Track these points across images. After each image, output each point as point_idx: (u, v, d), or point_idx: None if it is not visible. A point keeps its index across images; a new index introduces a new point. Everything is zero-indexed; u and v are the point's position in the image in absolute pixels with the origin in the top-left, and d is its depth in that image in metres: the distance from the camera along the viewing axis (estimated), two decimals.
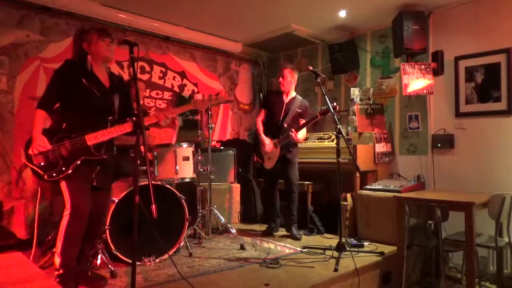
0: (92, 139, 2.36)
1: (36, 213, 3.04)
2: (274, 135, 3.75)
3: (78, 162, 2.31)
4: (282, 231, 3.90)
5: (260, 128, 3.85)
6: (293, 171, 3.77)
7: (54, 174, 2.27)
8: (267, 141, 3.74)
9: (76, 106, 2.38)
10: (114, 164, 2.61)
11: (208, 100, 2.63)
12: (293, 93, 3.88)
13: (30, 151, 2.24)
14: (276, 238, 3.75)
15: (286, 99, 3.84)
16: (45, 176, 2.26)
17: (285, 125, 3.75)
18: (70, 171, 2.29)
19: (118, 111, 2.52)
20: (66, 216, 2.30)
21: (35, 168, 2.25)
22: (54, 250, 2.84)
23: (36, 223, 2.97)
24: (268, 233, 3.89)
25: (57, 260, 2.28)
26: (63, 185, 2.31)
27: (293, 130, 3.58)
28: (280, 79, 3.81)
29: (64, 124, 2.36)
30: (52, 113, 2.42)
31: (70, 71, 2.39)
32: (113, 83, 2.55)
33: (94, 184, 2.41)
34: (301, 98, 3.91)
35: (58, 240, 2.30)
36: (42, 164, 2.26)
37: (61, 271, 2.27)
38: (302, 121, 3.73)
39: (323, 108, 3.40)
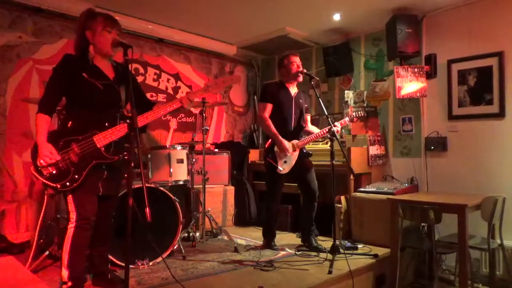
0: (101, 140, 2.17)
1: (41, 217, 2.94)
2: (286, 135, 3.30)
3: (90, 168, 2.14)
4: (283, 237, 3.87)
5: (272, 126, 3.29)
6: (314, 178, 3.43)
7: (67, 184, 2.10)
8: (287, 144, 3.26)
9: (79, 103, 2.20)
10: (121, 167, 2.34)
11: (222, 82, 2.48)
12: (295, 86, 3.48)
13: (38, 162, 2.07)
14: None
15: (293, 92, 3.43)
16: (59, 187, 2.10)
17: (303, 124, 3.45)
18: (83, 179, 2.13)
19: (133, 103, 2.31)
20: (71, 228, 2.16)
21: (46, 181, 2.10)
22: (45, 254, 2.84)
23: (38, 227, 2.91)
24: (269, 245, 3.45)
25: (65, 273, 2.15)
26: (69, 196, 2.17)
27: (337, 124, 3.25)
28: (295, 66, 3.34)
29: (69, 123, 2.18)
30: (59, 113, 2.22)
31: (69, 66, 2.19)
32: (118, 74, 2.34)
33: (100, 193, 2.26)
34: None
35: (64, 253, 2.16)
36: (54, 173, 2.09)
37: (69, 283, 2.14)
38: (310, 128, 3.50)
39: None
